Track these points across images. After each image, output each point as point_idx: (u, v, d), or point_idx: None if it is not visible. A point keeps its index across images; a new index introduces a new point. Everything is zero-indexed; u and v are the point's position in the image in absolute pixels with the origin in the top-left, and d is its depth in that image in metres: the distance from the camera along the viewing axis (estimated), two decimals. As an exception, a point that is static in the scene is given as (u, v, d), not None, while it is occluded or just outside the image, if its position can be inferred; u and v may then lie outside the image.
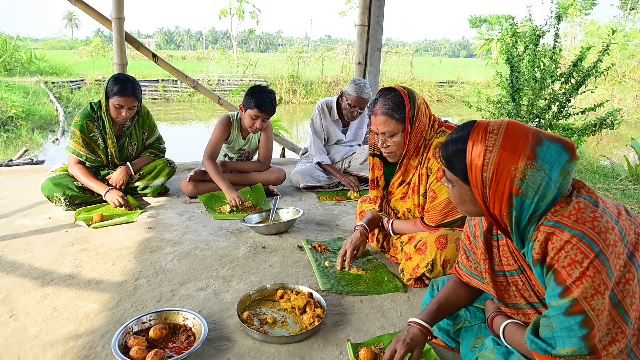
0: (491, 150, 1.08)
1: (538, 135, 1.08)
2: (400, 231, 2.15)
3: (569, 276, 1.01)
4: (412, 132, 1.91)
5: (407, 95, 1.90)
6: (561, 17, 5.88)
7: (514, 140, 1.07)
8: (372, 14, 4.22)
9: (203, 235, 2.55)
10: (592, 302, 0.99)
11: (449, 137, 1.19)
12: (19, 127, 9.48)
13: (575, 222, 1.03)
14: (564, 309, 1.01)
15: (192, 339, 1.57)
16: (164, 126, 11.42)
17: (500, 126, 1.11)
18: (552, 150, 1.07)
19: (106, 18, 4.06)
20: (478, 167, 1.09)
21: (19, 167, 4.11)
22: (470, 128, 1.14)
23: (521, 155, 1.05)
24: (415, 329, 1.36)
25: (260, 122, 3.04)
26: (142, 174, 3.13)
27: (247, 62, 19.78)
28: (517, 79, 5.89)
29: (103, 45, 24.50)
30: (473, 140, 1.11)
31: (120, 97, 2.81)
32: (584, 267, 0.99)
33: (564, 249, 1.02)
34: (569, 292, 1.00)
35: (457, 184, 1.18)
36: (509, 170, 1.05)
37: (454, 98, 19.59)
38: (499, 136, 1.09)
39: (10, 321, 1.68)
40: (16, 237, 2.46)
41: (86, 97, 14.55)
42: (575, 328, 1.00)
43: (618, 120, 5.75)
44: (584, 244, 1.00)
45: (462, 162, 1.13)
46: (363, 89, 3.37)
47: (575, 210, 1.04)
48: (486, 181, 1.09)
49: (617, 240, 1.02)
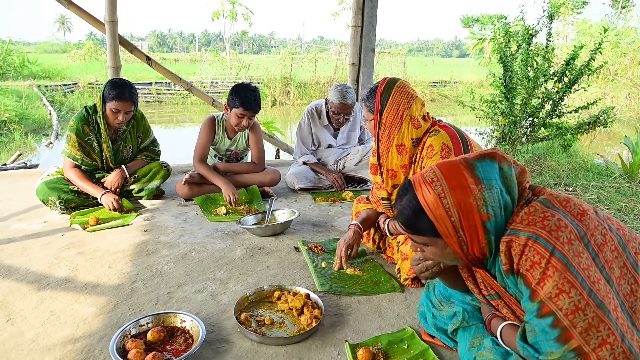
0: (444, 195, 1.10)
1: (467, 162, 1.13)
2: (396, 231, 2.15)
3: (533, 278, 1.02)
4: (380, 125, 1.94)
5: (383, 87, 1.93)
6: (553, 16, 5.94)
7: (455, 177, 1.11)
8: (365, 15, 4.24)
9: (199, 238, 2.55)
10: (558, 302, 0.98)
11: (397, 208, 1.21)
12: (12, 131, 9.41)
13: (527, 225, 1.05)
14: (535, 312, 1.02)
15: (190, 341, 1.57)
16: (158, 129, 11.38)
17: (435, 172, 1.14)
18: (485, 167, 1.12)
19: (99, 21, 4.04)
20: (443, 216, 1.10)
21: (13, 171, 4.09)
22: (409, 188, 1.18)
23: (470, 186, 1.09)
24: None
25: (247, 120, 3.05)
26: (137, 176, 3.12)
27: (240, 64, 19.75)
28: (510, 78, 5.94)
29: (96, 48, 24.37)
30: (420, 195, 1.13)
31: (118, 102, 2.81)
32: (543, 267, 1.00)
33: (524, 252, 1.04)
34: (536, 294, 1.01)
35: (430, 242, 1.18)
36: (470, 204, 1.08)
37: (448, 98, 19.68)
38: (440, 181, 1.12)
39: (8, 325, 1.67)
40: (12, 242, 2.45)
41: (79, 101, 14.46)
42: (548, 330, 0.99)
43: (611, 118, 5.81)
44: (538, 244, 1.02)
45: (424, 219, 1.14)
46: (345, 94, 3.30)
47: (526, 215, 1.08)
48: (456, 224, 1.10)
49: (572, 238, 1.01)
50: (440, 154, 1.88)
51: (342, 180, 3.47)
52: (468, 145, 1.94)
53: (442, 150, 1.88)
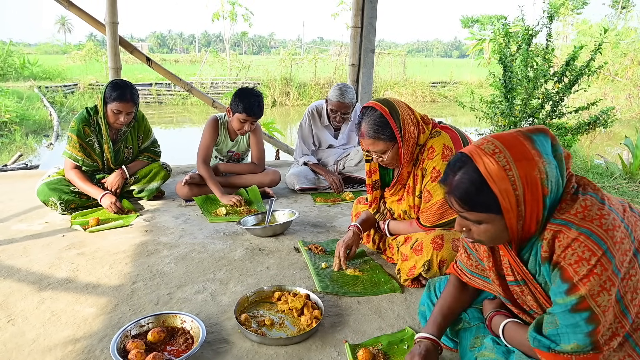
0: (509, 167, 1.05)
1: (525, 135, 1.09)
2: (396, 232, 2.16)
3: (576, 273, 1.01)
4: (404, 145, 1.90)
5: (388, 113, 1.86)
6: (553, 16, 5.94)
7: (518, 148, 1.06)
8: (365, 16, 4.24)
9: (199, 238, 2.55)
10: (598, 299, 1.00)
11: (449, 183, 1.12)
12: (12, 132, 9.43)
13: (582, 220, 1.03)
14: (570, 306, 1.02)
15: (191, 342, 1.57)
16: (158, 130, 11.39)
17: (494, 143, 1.08)
18: (542, 141, 1.09)
19: (100, 22, 4.05)
20: (509, 191, 1.04)
21: (14, 172, 4.09)
22: (466, 160, 1.10)
23: (534, 158, 1.05)
24: (428, 343, 1.34)
25: (249, 125, 3.07)
26: (137, 177, 3.13)
27: (240, 64, 19.76)
28: (510, 79, 5.94)
29: (96, 49, 24.41)
30: (483, 167, 1.06)
31: (119, 103, 2.82)
32: (592, 265, 1.00)
33: (570, 246, 1.03)
34: (576, 289, 1.01)
35: (487, 219, 1.10)
36: (534, 176, 1.04)
37: (447, 98, 19.68)
38: (503, 152, 1.06)
39: (9, 326, 1.67)
40: (12, 242, 2.45)
41: (80, 102, 14.48)
42: (582, 324, 1.01)
43: (611, 118, 5.81)
44: (591, 241, 1.00)
45: (485, 192, 1.06)
46: (344, 93, 3.31)
47: (582, 208, 1.05)
48: (520, 197, 1.05)
49: (623, 237, 1.03)
50: (441, 155, 1.88)
51: (340, 182, 3.47)
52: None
53: (444, 151, 1.88)
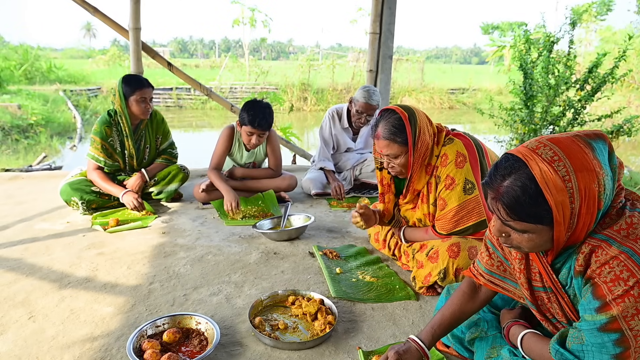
0: (569, 178, 0.95)
1: (585, 141, 0.98)
2: (412, 239, 2.14)
3: (610, 292, 0.96)
4: (415, 153, 1.89)
5: (407, 118, 1.86)
6: (575, 23, 5.83)
7: (579, 157, 0.96)
8: (383, 22, 4.24)
9: (215, 241, 2.58)
10: (631, 322, 0.94)
11: (495, 188, 1.02)
12: (38, 134, 9.72)
13: (625, 238, 0.97)
14: (600, 325, 0.97)
15: (205, 343, 1.59)
16: (178, 133, 11.59)
17: (553, 149, 0.97)
18: (601, 149, 1.00)
19: (124, 28, 4.15)
20: (565, 203, 0.95)
21: (38, 172, 4.21)
22: (518, 164, 0.99)
23: (595, 169, 0.96)
24: (412, 346, 1.32)
25: (257, 137, 2.99)
26: (156, 179, 3.19)
27: (259, 70, 19.96)
28: (530, 86, 5.85)
29: (119, 54, 25.02)
30: (540, 176, 0.96)
31: (141, 90, 2.95)
32: (629, 286, 0.94)
33: (608, 263, 0.97)
34: (608, 308, 0.96)
35: (534, 230, 1.01)
36: (594, 189, 0.96)
37: (466, 105, 19.49)
38: (564, 160, 0.96)
39: (30, 322, 1.72)
40: (35, 241, 2.52)
41: (103, 105, 14.85)
42: (609, 345, 0.97)
43: (636, 127, 5.65)
44: (632, 262, 0.95)
45: (541, 204, 0.96)
46: (371, 95, 3.34)
47: (626, 225, 0.99)
48: (575, 210, 0.97)
49: None
50: (454, 162, 1.87)
51: (342, 190, 3.40)
52: (484, 153, 1.92)
53: (457, 158, 1.87)
